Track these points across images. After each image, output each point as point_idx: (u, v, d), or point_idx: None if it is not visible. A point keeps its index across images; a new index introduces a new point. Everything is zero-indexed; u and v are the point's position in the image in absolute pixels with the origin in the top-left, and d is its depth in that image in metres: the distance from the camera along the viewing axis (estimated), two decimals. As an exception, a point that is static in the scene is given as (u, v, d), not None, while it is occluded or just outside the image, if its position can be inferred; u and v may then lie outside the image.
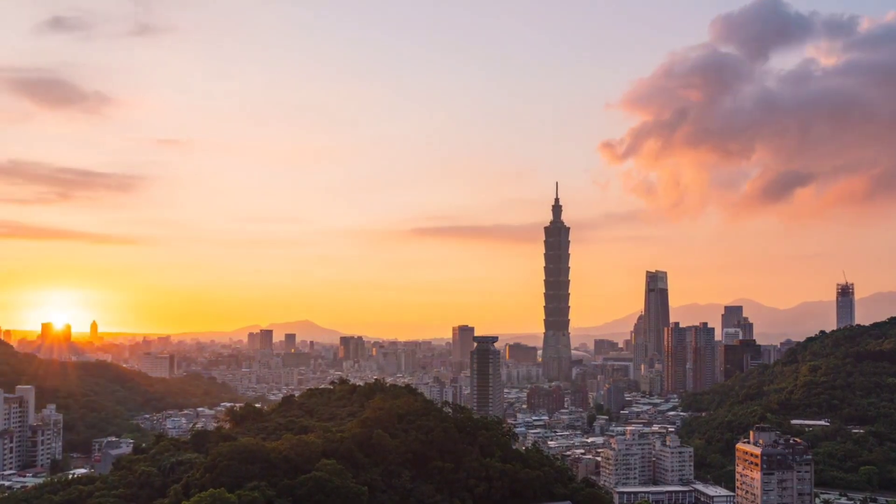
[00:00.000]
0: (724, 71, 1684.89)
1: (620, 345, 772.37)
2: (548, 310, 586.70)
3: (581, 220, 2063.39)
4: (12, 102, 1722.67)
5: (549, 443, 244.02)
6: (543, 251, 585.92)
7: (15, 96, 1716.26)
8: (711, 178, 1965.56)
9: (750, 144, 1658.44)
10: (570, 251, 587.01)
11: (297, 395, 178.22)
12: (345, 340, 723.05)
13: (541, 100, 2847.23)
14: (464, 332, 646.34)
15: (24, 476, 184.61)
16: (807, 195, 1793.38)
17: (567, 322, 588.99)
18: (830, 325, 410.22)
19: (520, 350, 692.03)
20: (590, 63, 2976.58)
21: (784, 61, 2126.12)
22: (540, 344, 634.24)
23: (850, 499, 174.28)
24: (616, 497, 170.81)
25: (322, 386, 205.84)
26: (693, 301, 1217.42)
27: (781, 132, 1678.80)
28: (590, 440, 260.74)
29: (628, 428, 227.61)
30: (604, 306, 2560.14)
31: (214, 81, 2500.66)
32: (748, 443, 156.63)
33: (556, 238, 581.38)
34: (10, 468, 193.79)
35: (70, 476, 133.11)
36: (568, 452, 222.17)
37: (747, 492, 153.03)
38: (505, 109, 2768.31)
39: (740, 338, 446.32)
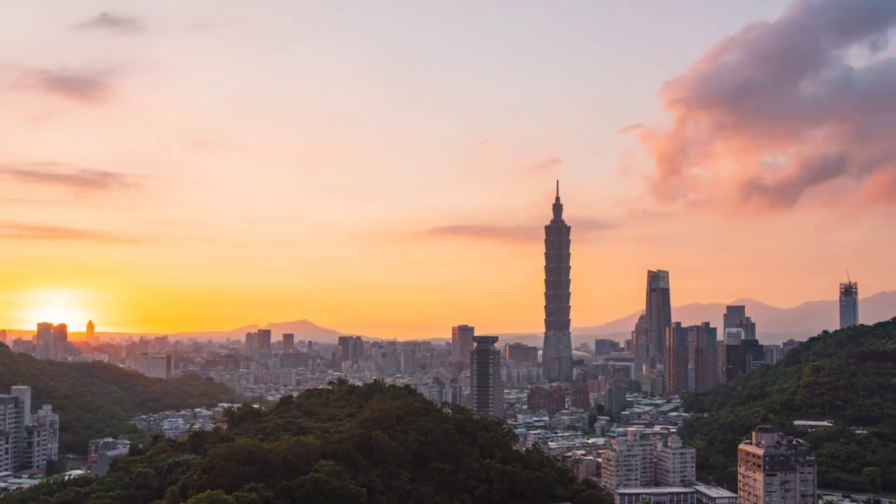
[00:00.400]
0: (781, 56, 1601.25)
1: (622, 345, 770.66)
2: (548, 310, 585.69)
3: (582, 219, 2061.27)
4: (48, 102, 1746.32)
5: (550, 444, 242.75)
6: (544, 250, 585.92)
7: (50, 95, 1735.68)
8: (740, 167, 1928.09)
9: (793, 133, 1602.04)
10: (571, 251, 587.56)
11: (295, 395, 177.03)
12: (343, 340, 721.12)
13: (547, 97, 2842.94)
14: (464, 332, 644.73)
15: (20, 477, 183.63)
16: (828, 192, 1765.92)
17: (568, 322, 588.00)
18: (833, 325, 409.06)
19: (520, 350, 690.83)
20: (596, 59, 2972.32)
21: (865, 47, 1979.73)
22: (540, 344, 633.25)
23: (853, 500, 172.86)
24: (617, 498, 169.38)
25: (321, 386, 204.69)
26: (695, 301, 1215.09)
27: (829, 122, 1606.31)
28: (591, 441, 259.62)
29: (629, 429, 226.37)
30: (605, 306, 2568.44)
31: (230, 81, 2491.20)
32: (750, 444, 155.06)
33: (557, 237, 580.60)
34: (6, 469, 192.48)
35: (66, 477, 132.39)
36: (569, 453, 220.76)
37: (749, 493, 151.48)
38: (506, 108, 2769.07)
39: (742, 338, 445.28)
